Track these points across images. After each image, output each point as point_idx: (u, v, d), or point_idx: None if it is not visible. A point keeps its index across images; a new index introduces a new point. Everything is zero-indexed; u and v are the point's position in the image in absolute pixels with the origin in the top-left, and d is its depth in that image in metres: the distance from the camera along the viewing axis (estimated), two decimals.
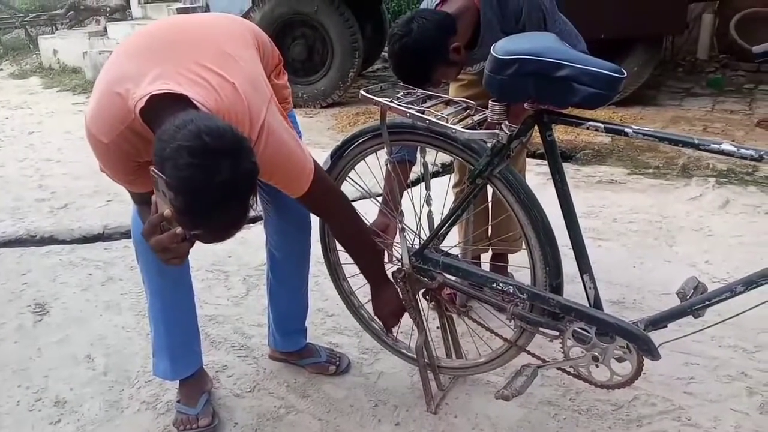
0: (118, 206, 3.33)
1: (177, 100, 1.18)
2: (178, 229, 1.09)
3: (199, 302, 2.27)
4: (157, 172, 1.06)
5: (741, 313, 1.33)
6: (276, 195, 1.65)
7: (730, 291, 1.26)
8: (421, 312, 1.78)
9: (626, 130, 1.27)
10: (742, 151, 1.17)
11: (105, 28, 8.50)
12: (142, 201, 1.36)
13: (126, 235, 2.98)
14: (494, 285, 1.55)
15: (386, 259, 1.80)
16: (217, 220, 1.11)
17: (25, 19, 11.24)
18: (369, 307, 1.82)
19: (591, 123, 1.31)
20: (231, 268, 2.67)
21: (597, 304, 1.45)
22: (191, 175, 1.03)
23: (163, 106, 1.16)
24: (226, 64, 1.31)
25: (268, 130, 1.31)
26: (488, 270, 2.20)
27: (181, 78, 1.23)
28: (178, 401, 1.78)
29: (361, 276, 1.73)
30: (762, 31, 5.74)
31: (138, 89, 1.20)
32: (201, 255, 2.63)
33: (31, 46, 10.45)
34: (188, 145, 1.02)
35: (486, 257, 2.38)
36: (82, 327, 2.29)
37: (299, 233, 1.81)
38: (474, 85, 2.06)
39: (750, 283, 1.23)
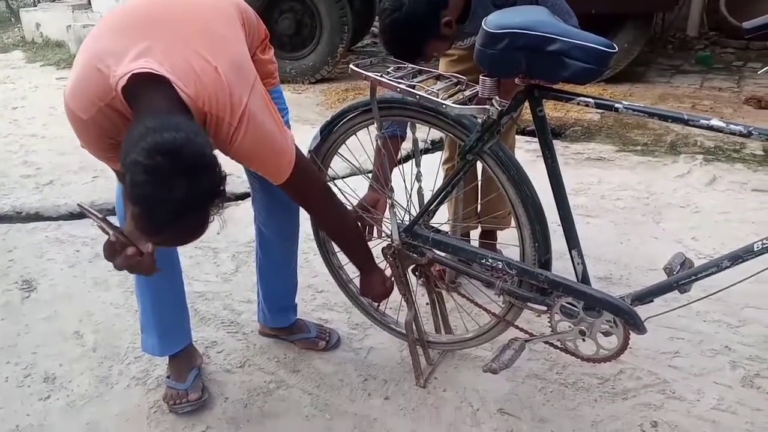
0: (104, 182, 3.29)
1: (157, 81, 1.16)
2: (129, 250, 1.14)
3: (188, 279, 2.27)
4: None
5: (726, 288, 1.35)
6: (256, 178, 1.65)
7: (716, 266, 1.28)
8: (411, 288, 1.79)
9: (616, 105, 1.27)
10: (731, 126, 1.18)
11: (89, 1, 8.31)
12: (121, 179, 1.34)
13: (113, 211, 2.94)
14: (484, 261, 1.56)
15: (375, 234, 1.80)
16: (173, 232, 1.11)
17: None
18: (357, 281, 1.83)
19: (582, 98, 1.30)
20: (220, 245, 2.66)
21: (585, 279, 1.47)
22: (145, 191, 1.03)
23: (143, 86, 1.15)
24: (211, 45, 1.28)
25: (249, 117, 1.28)
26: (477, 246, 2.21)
27: (163, 58, 1.20)
28: (168, 377, 1.79)
29: None
30: (751, 8, 5.72)
31: (119, 66, 1.18)
32: None
33: (12, 19, 10.22)
34: (142, 162, 1.02)
35: (475, 234, 2.39)
36: (71, 303, 2.28)
37: (286, 210, 1.80)
38: (464, 60, 2.04)
39: (736, 258, 1.25)
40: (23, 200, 3.18)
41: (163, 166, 1.02)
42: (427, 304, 1.94)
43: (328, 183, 1.67)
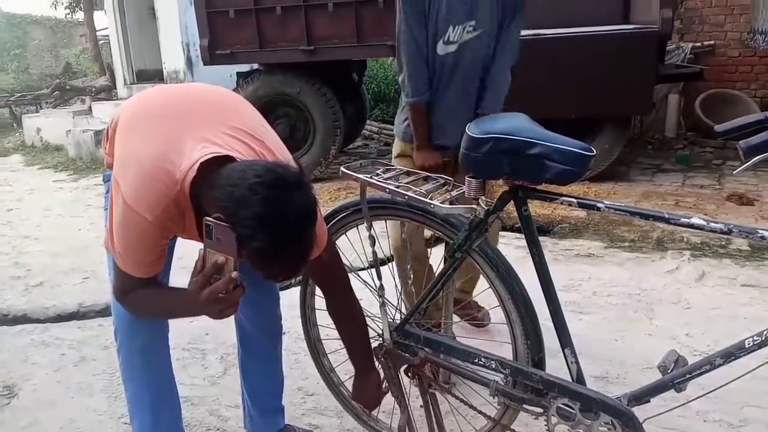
0: (94, 284, 3.27)
1: (221, 162, 1.19)
2: (234, 273, 1.10)
3: None
4: (213, 220, 1.08)
5: (723, 386, 1.33)
6: (244, 263, 1.65)
7: (709, 364, 1.27)
8: (403, 390, 1.74)
9: (599, 205, 1.31)
10: (712, 225, 1.21)
11: (90, 108, 8.63)
12: (141, 285, 1.33)
13: (101, 313, 2.92)
14: (476, 360, 1.54)
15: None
16: (295, 251, 1.13)
17: (11, 99, 11.41)
18: (349, 384, 1.79)
19: (565, 198, 1.35)
20: (208, 346, 2.61)
21: (580, 378, 1.44)
22: (270, 208, 1.06)
23: (212, 169, 1.18)
24: (252, 125, 1.37)
25: None
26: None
27: (219, 140, 1.26)
28: None
29: (341, 352, 1.70)
30: (725, 110, 6.04)
31: (183, 159, 1.21)
32: (177, 333, 2.57)
33: (14, 124, 10.55)
34: (262, 181, 1.06)
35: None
36: (53, 410, 2.19)
37: (269, 301, 1.79)
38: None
39: (729, 355, 1.24)
40: (11, 302, 3.14)
41: (284, 177, 1.08)
42: (421, 406, 1.88)
43: None
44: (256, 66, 6.11)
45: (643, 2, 5.14)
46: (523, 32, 2.22)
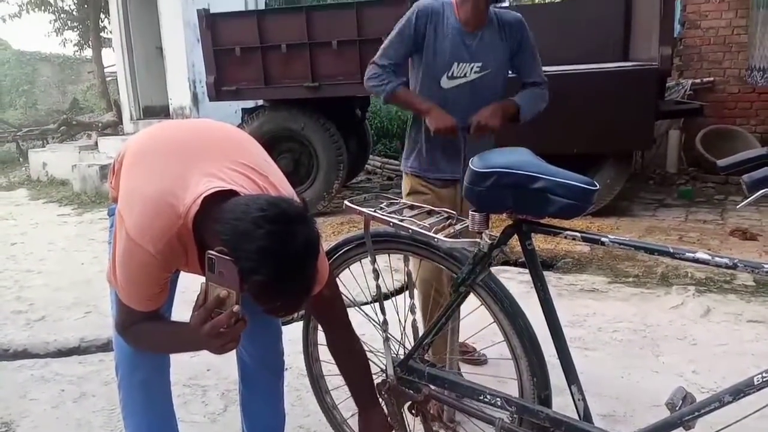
0: (96, 318, 3.26)
1: (225, 197, 1.20)
2: (236, 307, 1.09)
3: None
4: (216, 254, 1.07)
5: (732, 424, 1.31)
6: (246, 297, 1.65)
7: (718, 401, 1.25)
8: (407, 428, 1.72)
9: (603, 239, 1.31)
10: (717, 259, 1.21)
11: (96, 143, 8.73)
12: (143, 318, 1.32)
13: (102, 348, 2.90)
14: (482, 397, 1.52)
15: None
16: (298, 285, 1.13)
17: (18, 134, 11.55)
18: (351, 422, 1.76)
19: (568, 232, 1.35)
20: (209, 382, 2.58)
21: (587, 416, 1.42)
22: (273, 242, 1.06)
23: (215, 203, 1.19)
24: (256, 161, 1.38)
25: None
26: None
27: (223, 175, 1.27)
28: None
29: (344, 389, 1.68)
30: (726, 145, 6.08)
31: (187, 193, 1.22)
32: (178, 369, 2.54)
33: (21, 159, 10.66)
34: (265, 215, 1.07)
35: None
36: None
37: (271, 338, 1.77)
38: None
39: (738, 392, 1.22)
40: (12, 336, 3.12)
41: (287, 212, 1.09)
42: None
43: None
44: (260, 102, 6.20)
45: (642, 40, 5.24)
46: None
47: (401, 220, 1.51)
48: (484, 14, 2.06)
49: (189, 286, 1.43)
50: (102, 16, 10.58)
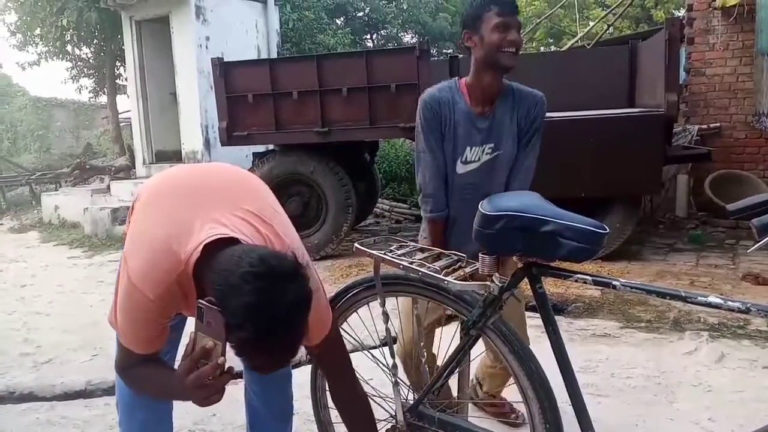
0: (102, 361, 3.23)
1: (227, 243, 1.21)
2: (221, 358, 1.08)
3: None
4: (206, 303, 1.07)
5: None
6: None
7: None
8: None
9: (614, 283, 1.31)
10: (730, 303, 1.20)
11: (108, 186, 8.84)
12: (141, 361, 1.33)
13: (108, 391, 2.87)
14: None
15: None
16: (282, 344, 1.11)
17: (32, 177, 11.74)
18: None
19: (579, 276, 1.34)
20: (215, 428, 2.54)
21: None
22: (259, 299, 1.05)
23: (217, 250, 1.19)
24: (262, 208, 1.39)
25: (308, 265, 1.34)
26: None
27: (228, 221, 1.28)
28: None
29: None
30: (734, 189, 6.07)
31: (190, 239, 1.24)
32: (183, 413, 2.51)
33: (33, 202, 10.80)
34: (255, 271, 1.06)
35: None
36: None
37: (280, 381, 1.76)
38: None
39: None
40: (18, 379, 3.10)
41: (276, 269, 1.07)
42: None
43: None
44: (271, 146, 6.29)
45: (648, 88, 5.31)
46: None
47: (411, 263, 1.51)
48: (496, 92, 2.01)
49: None
50: (117, 63, 10.86)
